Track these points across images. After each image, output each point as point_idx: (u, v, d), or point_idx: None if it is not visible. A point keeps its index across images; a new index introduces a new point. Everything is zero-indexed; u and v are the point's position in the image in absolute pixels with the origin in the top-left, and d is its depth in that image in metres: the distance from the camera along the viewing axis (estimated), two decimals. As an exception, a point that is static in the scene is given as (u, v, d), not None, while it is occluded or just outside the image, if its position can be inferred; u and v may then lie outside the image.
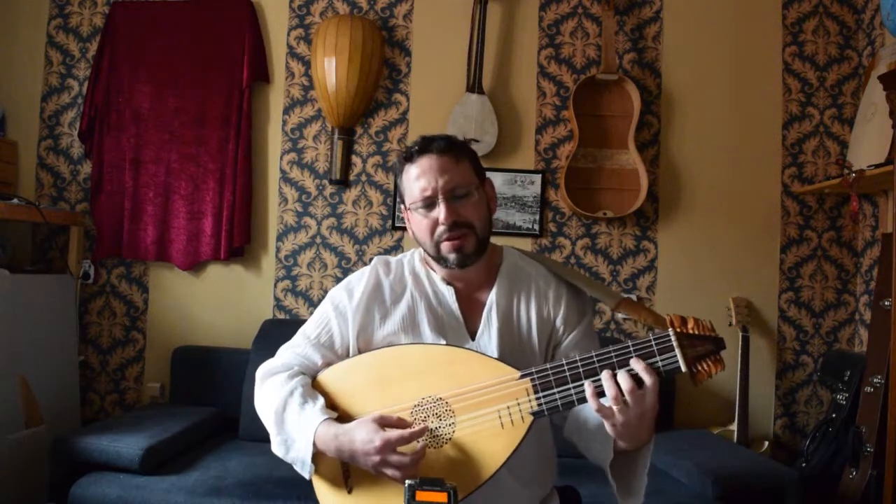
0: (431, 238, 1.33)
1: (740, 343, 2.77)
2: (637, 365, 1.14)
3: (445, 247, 1.32)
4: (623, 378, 1.13)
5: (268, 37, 2.98)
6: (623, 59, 2.99)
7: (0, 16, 2.96)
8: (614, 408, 1.12)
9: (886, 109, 2.26)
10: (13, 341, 2.37)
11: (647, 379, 1.13)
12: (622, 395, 1.12)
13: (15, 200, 2.56)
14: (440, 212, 1.30)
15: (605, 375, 1.14)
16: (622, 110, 2.90)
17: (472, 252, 1.33)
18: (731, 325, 2.82)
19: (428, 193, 1.31)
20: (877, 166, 2.45)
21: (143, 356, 2.94)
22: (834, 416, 2.51)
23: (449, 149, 1.34)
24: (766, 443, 2.82)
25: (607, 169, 2.89)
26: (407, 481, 1.09)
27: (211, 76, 2.90)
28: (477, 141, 2.84)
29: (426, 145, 1.34)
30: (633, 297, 2.93)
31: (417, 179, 1.32)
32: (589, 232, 2.96)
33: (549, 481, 1.45)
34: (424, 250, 1.39)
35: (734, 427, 2.74)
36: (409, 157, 1.35)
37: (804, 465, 2.50)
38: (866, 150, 2.62)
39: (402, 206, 1.41)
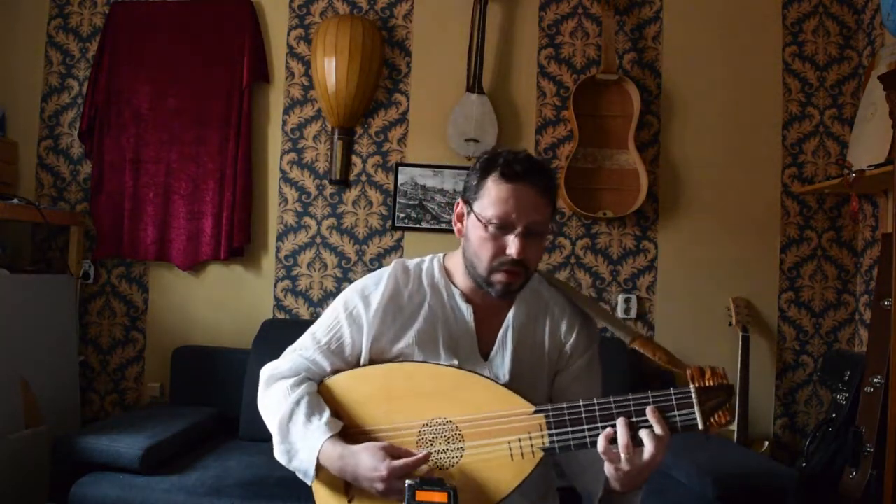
0: (490, 260, 1.27)
1: (740, 343, 2.77)
2: (652, 416, 1.14)
3: (499, 276, 1.27)
4: (643, 433, 1.13)
5: (268, 37, 2.98)
6: (623, 59, 2.99)
7: (0, 16, 2.96)
8: (622, 456, 1.12)
9: (886, 109, 2.26)
10: (13, 341, 2.37)
11: (660, 431, 1.13)
12: (633, 445, 1.12)
13: (15, 200, 2.56)
14: (513, 245, 1.24)
15: (620, 422, 1.13)
16: (622, 110, 2.90)
17: (517, 290, 1.32)
18: (731, 325, 2.82)
19: (511, 220, 1.24)
20: (877, 166, 2.45)
21: (143, 356, 2.94)
22: (834, 416, 2.51)
23: (546, 189, 1.28)
24: (766, 443, 2.82)
25: (607, 169, 2.89)
26: (407, 481, 1.09)
27: (211, 76, 2.90)
28: (477, 141, 2.84)
29: (530, 175, 1.26)
30: (634, 297, 2.93)
31: (506, 200, 1.24)
32: (589, 232, 2.96)
33: (552, 488, 1.44)
34: (472, 264, 1.31)
35: (734, 427, 2.73)
36: (508, 174, 1.25)
37: (804, 465, 2.50)
38: (866, 150, 2.63)
39: (461, 201, 1.34)
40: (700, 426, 1.14)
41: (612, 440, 1.14)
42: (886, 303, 2.32)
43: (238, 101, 2.89)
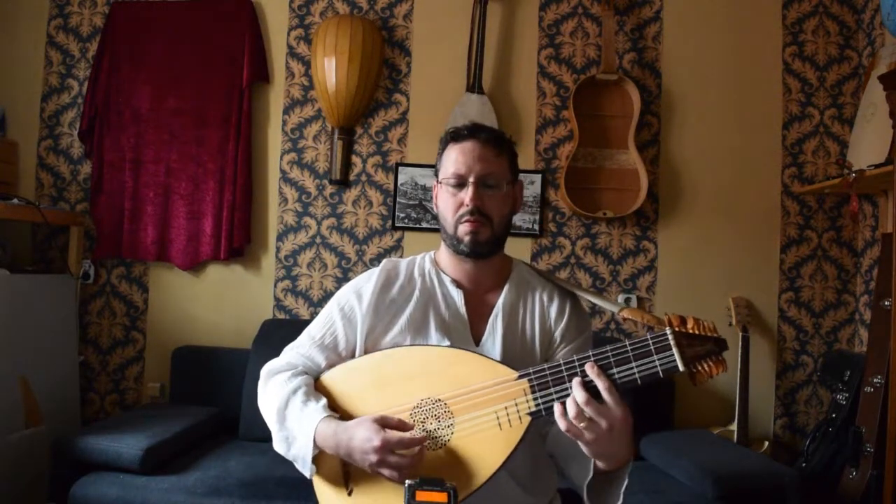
0: (453, 216, 1.36)
1: (740, 343, 2.77)
2: (591, 371, 1.14)
3: (462, 228, 1.35)
4: (578, 392, 1.12)
5: (268, 37, 2.98)
6: (623, 59, 2.99)
7: (0, 16, 2.96)
8: (580, 426, 1.11)
9: (886, 109, 2.26)
10: (13, 341, 2.37)
11: (601, 384, 1.12)
12: (582, 411, 1.11)
13: (15, 200, 2.56)
14: (467, 193, 1.34)
15: (568, 399, 1.14)
16: (622, 110, 2.90)
17: (486, 241, 1.36)
18: (731, 325, 2.82)
19: (461, 172, 1.35)
20: (877, 166, 2.45)
21: (143, 356, 2.94)
22: (834, 416, 2.51)
23: (494, 141, 1.39)
24: (766, 443, 2.82)
25: (607, 169, 2.89)
26: (407, 481, 1.09)
27: (211, 76, 2.90)
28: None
29: (475, 131, 1.38)
30: (634, 297, 2.94)
31: (457, 158, 1.36)
32: (589, 232, 2.96)
33: (552, 487, 1.44)
34: (443, 229, 1.40)
35: (734, 427, 2.74)
36: (455, 137, 1.39)
37: (804, 465, 2.51)
38: (866, 150, 2.63)
39: (435, 181, 1.45)
40: (681, 367, 1.13)
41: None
42: (886, 303, 2.32)
43: (238, 101, 2.89)
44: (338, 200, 2.97)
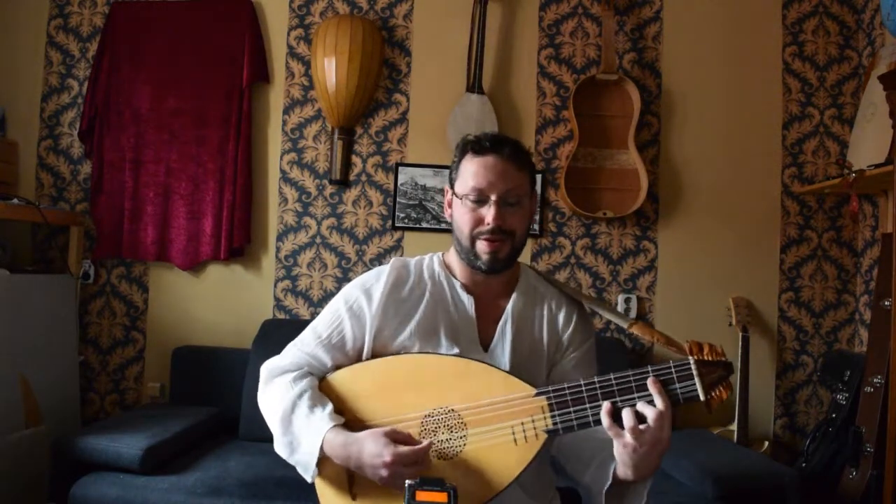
0: (471, 231, 1.33)
1: (740, 343, 2.77)
2: (653, 388, 1.14)
3: (482, 245, 1.32)
4: (644, 407, 1.13)
5: (268, 37, 2.98)
6: (623, 59, 2.99)
7: (0, 16, 2.96)
8: (629, 436, 1.12)
9: (886, 109, 2.26)
10: (13, 341, 2.37)
11: (660, 405, 1.13)
12: (639, 424, 1.12)
13: (15, 200, 2.56)
14: (489, 213, 1.31)
15: (626, 412, 1.14)
16: (622, 110, 2.90)
17: (504, 258, 1.34)
18: (731, 325, 2.82)
19: (482, 188, 1.31)
20: (877, 166, 2.45)
21: (143, 356, 2.94)
22: (834, 416, 2.51)
23: (516, 156, 1.35)
24: (766, 443, 2.82)
25: (607, 169, 2.89)
26: (407, 481, 1.09)
27: (211, 76, 2.90)
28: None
29: (498, 145, 1.34)
30: (634, 297, 2.94)
31: (477, 173, 1.32)
32: (589, 232, 2.96)
33: (552, 487, 1.45)
34: (458, 241, 1.37)
35: (734, 427, 2.74)
36: (476, 149, 1.34)
37: (804, 465, 2.51)
38: (866, 150, 2.63)
39: (447, 188, 1.42)
40: (701, 397, 1.15)
41: (614, 416, 1.14)
42: (886, 303, 2.32)
43: (238, 101, 2.89)
44: (338, 200, 2.97)
